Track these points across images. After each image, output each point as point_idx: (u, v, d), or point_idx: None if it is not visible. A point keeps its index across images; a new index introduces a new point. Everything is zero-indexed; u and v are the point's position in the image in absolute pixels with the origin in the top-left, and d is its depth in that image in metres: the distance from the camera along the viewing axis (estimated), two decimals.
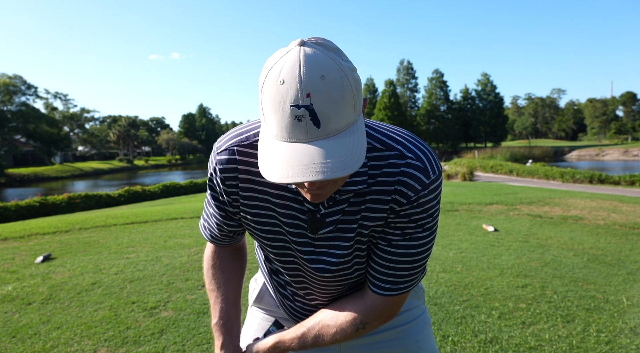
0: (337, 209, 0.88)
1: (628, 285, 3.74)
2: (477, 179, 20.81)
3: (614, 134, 77.20)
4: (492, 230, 6.15)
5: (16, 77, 52.37)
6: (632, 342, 2.67)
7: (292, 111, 0.68)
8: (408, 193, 0.84)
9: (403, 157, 0.85)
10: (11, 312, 3.36)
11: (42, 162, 56.69)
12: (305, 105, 0.67)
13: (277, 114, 0.70)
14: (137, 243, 5.68)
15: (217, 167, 0.93)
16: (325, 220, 0.89)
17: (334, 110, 0.69)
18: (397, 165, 0.84)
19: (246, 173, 0.91)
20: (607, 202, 8.78)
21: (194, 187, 19.47)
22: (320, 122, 0.69)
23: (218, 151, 0.93)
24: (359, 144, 0.72)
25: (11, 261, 4.99)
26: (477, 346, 2.65)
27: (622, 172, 23.04)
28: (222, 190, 0.95)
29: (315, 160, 0.68)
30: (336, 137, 0.70)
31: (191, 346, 2.71)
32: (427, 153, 0.86)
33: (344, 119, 0.71)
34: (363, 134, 0.74)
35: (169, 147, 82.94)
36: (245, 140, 0.91)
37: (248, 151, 0.90)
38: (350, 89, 0.71)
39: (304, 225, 0.91)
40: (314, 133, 0.69)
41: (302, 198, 0.89)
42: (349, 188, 0.85)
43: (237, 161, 0.91)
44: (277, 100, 0.69)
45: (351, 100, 0.71)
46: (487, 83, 68.90)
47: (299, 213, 0.91)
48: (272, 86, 0.70)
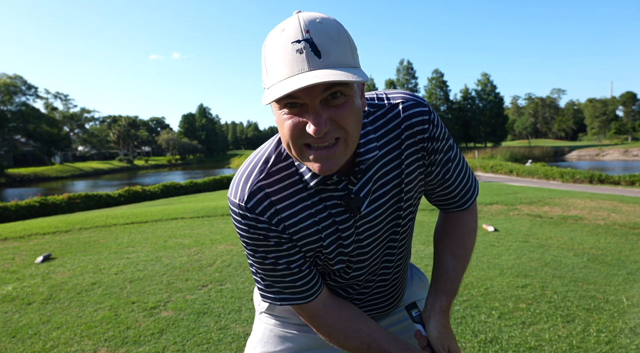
0: (365, 180, 0.91)
1: (628, 285, 3.74)
2: (477, 179, 20.79)
3: (614, 134, 77.18)
4: (492, 230, 6.14)
5: (16, 77, 52.37)
6: (632, 342, 2.67)
7: (293, 46, 0.72)
8: (424, 127, 0.92)
9: (395, 106, 0.93)
10: (11, 312, 3.36)
11: (42, 162, 56.68)
12: (305, 39, 0.72)
13: (279, 57, 0.73)
14: (137, 243, 5.68)
15: (256, 215, 0.88)
16: (359, 195, 0.90)
17: (333, 46, 0.73)
18: (395, 116, 0.92)
19: (281, 200, 0.89)
20: (607, 202, 8.78)
21: (194, 187, 19.47)
22: (320, 53, 0.72)
23: (244, 200, 0.88)
24: (363, 75, 0.74)
25: (11, 261, 4.99)
26: (477, 346, 2.65)
27: (622, 172, 23.04)
28: (277, 232, 0.89)
29: (319, 75, 0.70)
30: (338, 68, 0.73)
31: (191, 346, 2.71)
32: (407, 93, 0.95)
33: (343, 57, 0.74)
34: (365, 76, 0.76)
35: (169, 147, 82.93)
36: (261, 174, 0.90)
37: (270, 180, 0.89)
38: (346, 34, 0.77)
39: (345, 216, 0.92)
40: (316, 63, 0.72)
41: (328, 193, 0.90)
42: (367, 157, 0.88)
43: (268, 195, 0.88)
44: (279, 44, 0.74)
45: (348, 45, 0.76)
46: (487, 83, 68.87)
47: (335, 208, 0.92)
48: (273, 36, 0.75)
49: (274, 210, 0.88)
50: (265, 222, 0.88)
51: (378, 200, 0.93)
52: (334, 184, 0.89)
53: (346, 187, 0.90)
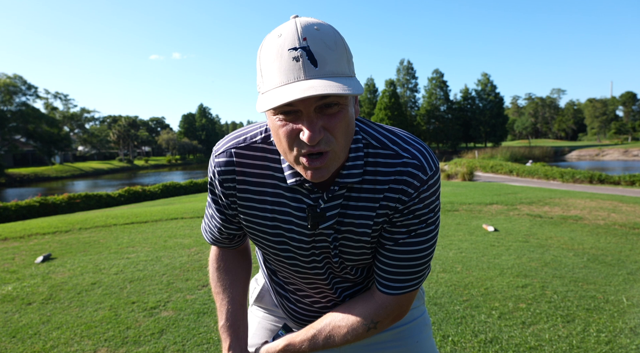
0: (335, 203, 0.90)
1: (628, 285, 3.74)
2: (477, 179, 20.81)
3: (614, 134, 77.18)
4: (492, 230, 6.15)
5: (16, 77, 52.36)
6: (632, 342, 2.67)
7: (290, 54, 0.72)
8: (408, 191, 0.87)
9: (399, 156, 0.88)
10: (11, 312, 3.36)
11: (42, 162, 56.69)
12: (302, 47, 0.72)
13: (275, 63, 0.74)
14: (137, 243, 5.68)
15: (215, 170, 0.95)
16: (325, 214, 0.90)
17: (329, 55, 0.74)
18: (393, 165, 0.87)
19: (243, 174, 0.93)
20: (607, 202, 8.78)
21: (194, 187, 19.46)
22: (317, 61, 0.72)
23: (216, 154, 0.95)
24: (357, 86, 0.74)
25: (11, 261, 4.99)
26: (477, 346, 2.65)
27: (622, 172, 23.06)
28: (221, 192, 0.96)
29: (315, 85, 0.70)
30: (333, 79, 0.73)
31: (191, 346, 2.71)
32: (423, 151, 0.88)
33: (339, 66, 0.75)
34: (360, 88, 0.76)
35: (169, 147, 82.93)
36: (242, 142, 0.94)
37: (245, 153, 0.93)
38: (343, 43, 0.77)
39: (303, 223, 0.92)
40: (312, 71, 0.72)
41: (300, 196, 0.91)
42: (347, 181, 0.88)
43: (235, 163, 0.93)
44: (275, 50, 0.74)
45: (344, 54, 0.77)
46: (487, 83, 68.89)
47: (297, 211, 0.92)
48: (270, 42, 0.75)
49: (231, 177, 0.93)
50: (218, 181, 0.95)
51: (344, 226, 0.92)
52: (308, 191, 0.90)
53: (317, 199, 0.90)
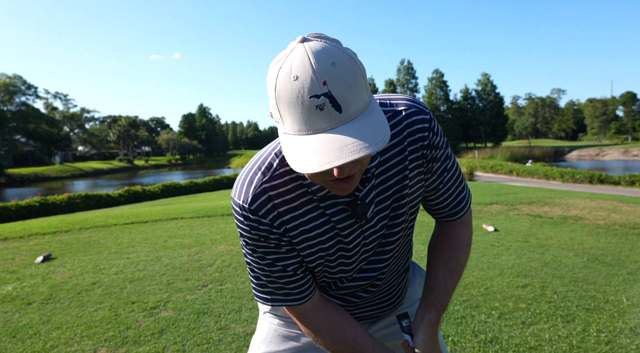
0: (370, 186, 0.91)
1: (628, 285, 3.74)
2: (477, 179, 20.80)
3: (614, 134, 77.14)
4: (492, 230, 6.14)
5: (16, 77, 52.35)
6: (632, 342, 2.67)
7: (312, 102, 0.69)
8: (424, 135, 0.93)
9: (398, 113, 0.93)
10: (11, 312, 3.36)
11: (42, 162, 56.68)
12: (324, 93, 0.69)
13: (297, 110, 0.70)
14: (137, 243, 5.68)
15: (259, 214, 0.88)
16: (366, 201, 0.91)
17: (351, 93, 0.71)
18: (398, 122, 0.92)
19: (282, 204, 0.90)
20: (607, 202, 8.78)
21: (194, 187, 19.47)
22: (341, 106, 0.70)
23: (248, 202, 0.88)
24: (381, 120, 0.74)
25: (11, 261, 4.99)
26: (477, 346, 2.65)
27: (622, 172, 23.05)
28: (277, 234, 0.90)
29: (347, 142, 0.69)
30: (358, 119, 0.72)
31: (191, 346, 2.71)
32: (408, 98, 0.96)
33: (360, 100, 0.73)
34: (380, 111, 0.76)
35: (169, 147, 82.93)
36: (264, 177, 0.90)
37: (273, 183, 0.89)
38: (360, 71, 0.74)
39: (349, 223, 0.93)
40: (337, 118, 0.70)
41: (334, 199, 0.91)
42: (371, 165, 0.90)
43: (271, 197, 0.89)
44: (295, 96, 0.70)
45: (363, 82, 0.75)
46: (487, 83, 68.85)
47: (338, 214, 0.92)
48: (285, 84, 0.70)
49: (276, 213, 0.89)
50: (267, 224, 0.89)
51: (381, 204, 0.94)
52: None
53: (352, 193, 0.90)
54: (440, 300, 1.04)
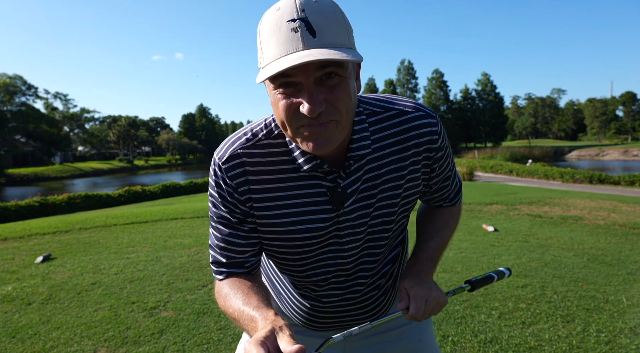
0: (355, 178, 0.90)
1: (628, 285, 3.74)
2: (477, 179, 20.80)
3: (613, 134, 77.18)
4: (492, 230, 6.15)
5: (16, 77, 52.38)
6: (632, 342, 2.67)
7: (288, 25, 0.72)
8: (433, 138, 0.94)
9: (405, 113, 0.93)
10: (11, 312, 3.36)
11: (42, 162, 56.65)
12: (301, 18, 0.72)
13: (274, 36, 0.74)
14: (137, 243, 5.68)
15: (226, 176, 0.90)
16: (347, 191, 0.90)
17: (328, 25, 0.74)
18: (404, 122, 0.93)
19: (255, 174, 0.90)
20: (607, 202, 8.78)
21: (193, 187, 19.46)
22: (315, 32, 0.72)
23: (222, 160, 0.90)
24: (357, 56, 0.75)
25: (11, 261, 4.99)
26: (477, 346, 2.65)
27: (622, 172, 23.06)
28: (236, 200, 0.91)
29: (313, 53, 0.70)
30: (332, 48, 0.73)
31: (191, 346, 2.71)
32: (415, 102, 0.96)
33: (338, 37, 0.75)
34: (359, 56, 0.76)
35: (169, 147, 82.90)
36: (246, 142, 0.91)
37: (253, 151, 0.91)
38: (341, 15, 0.77)
39: (326, 208, 0.91)
40: (310, 42, 0.72)
41: (317, 181, 0.90)
42: (359, 153, 0.88)
43: (245, 163, 0.90)
44: (274, 23, 0.74)
45: (344, 25, 0.77)
46: (487, 83, 68.89)
47: (317, 196, 0.91)
48: (269, 16, 0.76)
49: (244, 179, 0.90)
50: (231, 186, 0.90)
51: (367, 200, 0.93)
52: (324, 173, 0.90)
53: (335, 179, 0.90)
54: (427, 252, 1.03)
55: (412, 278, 0.94)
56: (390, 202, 0.95)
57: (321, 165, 0.87)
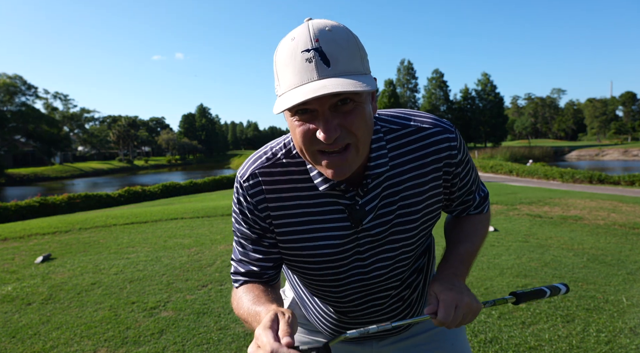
0: (373, 195, 0.91)
1: (628, 285, 3.74)
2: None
3: (613, 134, 77.16)
4: (492, 230, 6.14)
5: (16, 77, 52.37)
6: (631, 342, 2.67)
7: (303, 56, 0.74)
8: (452, 153, 0.94)
9: (422, 129, 0.93)
10: (11, 312, 3.36)
11: (42, 162, 56.63)
12: (315, 48, 0.74)
13: (289, 66, 0.76)
14: (137, 244, 5.68)
15: (247, 193, 0.93)
16: (365, 208, 0.90)
17: (342, 54, 0.75)
18: (422, 138, 0.93)
19: (273, 192, 0.93)
20: (607, 202, 8.78)
21: (193, 187, 19.47)
22: (329, 61, 0.74)
23: (243, 179, 0.94)
24: (371, 83, 0.76)
25: (11, 261, 4.99)
26: (477, 346, 2.65)
27: (622, 172, 23.06)
28: (256, 216, 0.94)
29: (327, 84, 0.72)
30: (346, 77, 0.74)
31: (191, 346, 2.71)
32: (432, 117, 0.96)
33: (352, 65, 0.76)
34: (374, 84, 0.78)
35: (168, 147, 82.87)
36: (267, 162, 0.94)
37: (271, 170, 0.93)
38: (355, 41, 0.78)
39: (344, 225, 0.92)
40: (325, 71, 0.74)
41: (335, 198, 0.91)
42: (377, 171, 0.89)
43: (262, 182, 0.93)
44: (289, 54, 0.76)
45: (357, 52, 0.78)
46: (487, 83, 68.87)
47: (335, 214, 0.92)
48: (284, 45, 0.77)
49: (262, 198, 0.93)
50: (251, 203, 0.94)
51: (386, 216, 0.93)
52: (342, 192, 0.90)
53: (353, 197, 0.91)
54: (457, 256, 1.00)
55: (442, 282, 0.91)
56: (411, 218, 0.95)
57: (338, 185, 0.89)
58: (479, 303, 0.89)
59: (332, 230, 0.92)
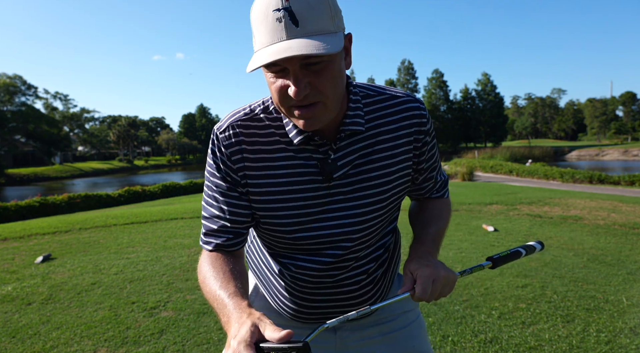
0: (347, 151, 0.95)
1: (628, 285, 3.74)
2: (477, 179, 20.81)
3: (613, 133, 77.16)
4: (492, 230, 6.15)
5: (16, 77, 52.41)
6: (632, 342, 2.67)
7: (274, 15, 0.77)
8: (422, 121, 1.00)
9: (396, 97, 1.00)
10: (11, 312, 3.36)
11: (42, 162, 56.63)
12: (285, 8, 0.76)
13: (262, 24, 0.79)
14: (137, 243, 5.68)
15: (222, 144, 0.95)
16: (337, 163, 0.93)
17: (311, 14, 0.77)
18: (396, 105, 0.99)
19: (251, 144, 0.95)
20: (607, 202, 8.78)
21: (193, 187, 19.46)
22: (298, 21, 0.76)
23: (220, 130, 0.96)
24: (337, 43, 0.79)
25: (11, 261, 4.99)
26: (477, 346, 2.65)
27: (622, 172, 23.06)
28: (229, 168, 0.96)
29: (292, 46, 0.75)
30: (315, 37, 0.77)
31: (191, 346, 2.71)
32: (406, 92, 1.03)
33: (321, 24, 0.79)
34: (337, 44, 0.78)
35: (168, 147, 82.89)
36: (244, 115, 0.97)
37: (249, 124, 0.96)
38: (327, 0, 0.80)
39: (317, 178, 0.95)
40: (293, 31, 0.76)
41: (309, 153, 0.94)
42: (351, 128, 0.93)
43: (240, 134, 0.95)
44: (262, 12, 0.78)
45: (328, 11, 0.80)
46: (487, 83, 68.89)
47: (309, 168, 0.95)
48: (258, 2, 0.80)
49: (238, 148, 0.95)
50: (225, 155, 0.95)
51: (360, 175, 0.96)
52: (316, 146, 0.94)
53: (326, 151, 0.94)
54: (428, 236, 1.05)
55: (417, 260, 0.95)
56: (384, 180, 0.98)
57: (312, 138, 0.92)
58: (455, 274, 0.94)
59: (304, 184, 0.95)
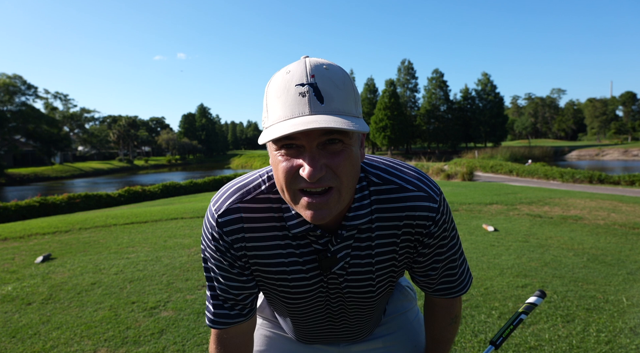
0: (345, 244, 0.88)
1: (628, 285, 3.74)
2: (477, 179, 20.80)
3: (613, 133, 77.11)
4: (492, 230, 6.14)
5: (16, 77, 52.35)
6: (632, 342, 2.67)
7: (297, 89, 0.71)
8: (425, 224, 0.88)
9: (403, 189, 0.87)
10: (11, 312, 3.36)
11: (42, 162, 56.60)
12: (310, 83, 0.71)
13: (282, 98, 0.72)
14: (137, 243, 5.68)
15: (223, 231, 0.87)
16: (336, 256, 0.88)
17: (336, 93, 0.73)
18: (401, 199, 0.87)
19: (252, 231, 0.88)
20: (607, 202, 8.78)
21: (193, 187, 19.46)
22: (323, 98, 0.71)
23: (219, 212, 0.87)
24: (363, 125, 0.73)
25: (11, 261, 4.99)
26: (477, 346, 2.65)
27: (622, 172, 23.06)
28: (233, 255, 0.89)
29: (319, 119, 0.69)
30: (340, 115, 0.72)
31: (191, 346, 2.71)
32: (422, 178, 0.90)
33: (345, 105, 0.74)
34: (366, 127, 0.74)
35: (169, 147, 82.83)
36: (247, 195, 0.88)
37: (252, 206, 0.87)
38: (351, 83, 0.76)
39: (313, 266, 0.91)
40: (317, 107, 0.71)
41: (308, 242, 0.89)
42: (354, 223, 0.85)
43: (243, 219, 0.87)
44: (283, 86, 0.73)
45: (352, 93, 0.75)
46: (487, 83, 68.82)
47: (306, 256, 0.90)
48: (278, 77, 0.75)
49: (241, 236, 0.87)
50: (227, 242, 0.87)
51: (355, 267, 0.92)
52: (316, 237, 0.88)
53: (326, 243, 0.88)
54: None
55: None
56: (379, 274, 0.94)
57: (314, 230, 0.86)
58: None
59: (303, 272, 0.91)
